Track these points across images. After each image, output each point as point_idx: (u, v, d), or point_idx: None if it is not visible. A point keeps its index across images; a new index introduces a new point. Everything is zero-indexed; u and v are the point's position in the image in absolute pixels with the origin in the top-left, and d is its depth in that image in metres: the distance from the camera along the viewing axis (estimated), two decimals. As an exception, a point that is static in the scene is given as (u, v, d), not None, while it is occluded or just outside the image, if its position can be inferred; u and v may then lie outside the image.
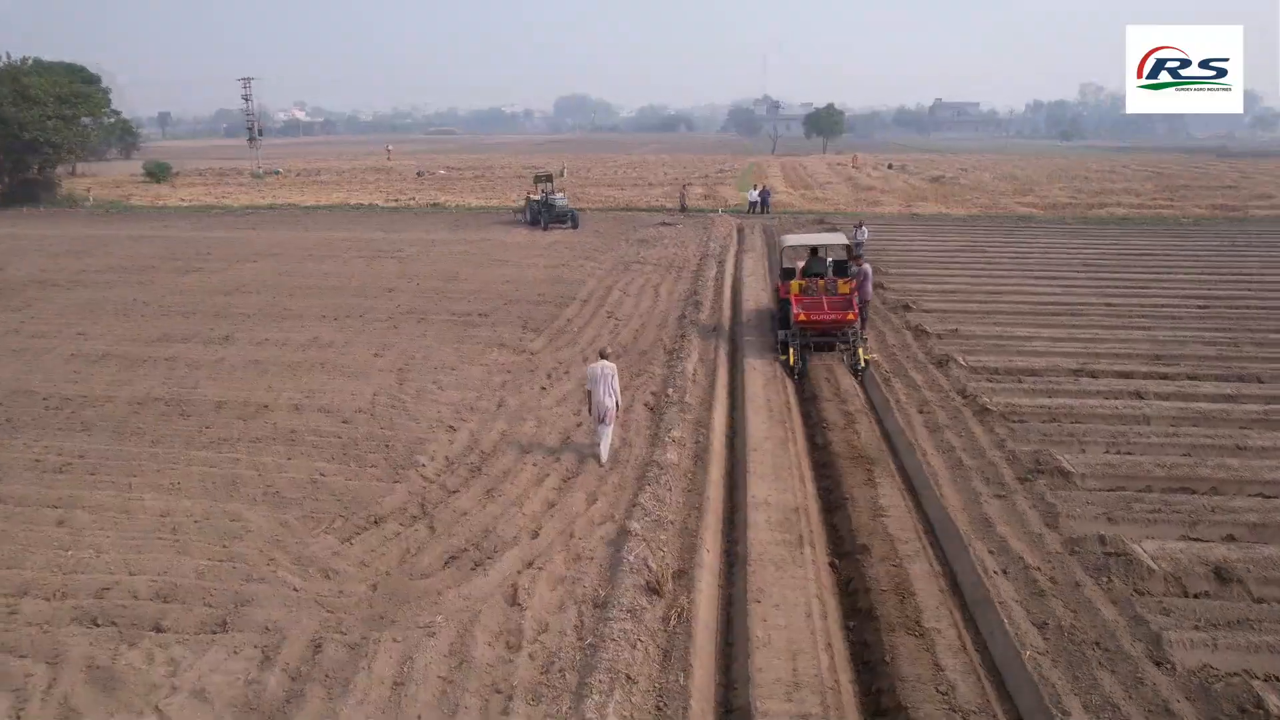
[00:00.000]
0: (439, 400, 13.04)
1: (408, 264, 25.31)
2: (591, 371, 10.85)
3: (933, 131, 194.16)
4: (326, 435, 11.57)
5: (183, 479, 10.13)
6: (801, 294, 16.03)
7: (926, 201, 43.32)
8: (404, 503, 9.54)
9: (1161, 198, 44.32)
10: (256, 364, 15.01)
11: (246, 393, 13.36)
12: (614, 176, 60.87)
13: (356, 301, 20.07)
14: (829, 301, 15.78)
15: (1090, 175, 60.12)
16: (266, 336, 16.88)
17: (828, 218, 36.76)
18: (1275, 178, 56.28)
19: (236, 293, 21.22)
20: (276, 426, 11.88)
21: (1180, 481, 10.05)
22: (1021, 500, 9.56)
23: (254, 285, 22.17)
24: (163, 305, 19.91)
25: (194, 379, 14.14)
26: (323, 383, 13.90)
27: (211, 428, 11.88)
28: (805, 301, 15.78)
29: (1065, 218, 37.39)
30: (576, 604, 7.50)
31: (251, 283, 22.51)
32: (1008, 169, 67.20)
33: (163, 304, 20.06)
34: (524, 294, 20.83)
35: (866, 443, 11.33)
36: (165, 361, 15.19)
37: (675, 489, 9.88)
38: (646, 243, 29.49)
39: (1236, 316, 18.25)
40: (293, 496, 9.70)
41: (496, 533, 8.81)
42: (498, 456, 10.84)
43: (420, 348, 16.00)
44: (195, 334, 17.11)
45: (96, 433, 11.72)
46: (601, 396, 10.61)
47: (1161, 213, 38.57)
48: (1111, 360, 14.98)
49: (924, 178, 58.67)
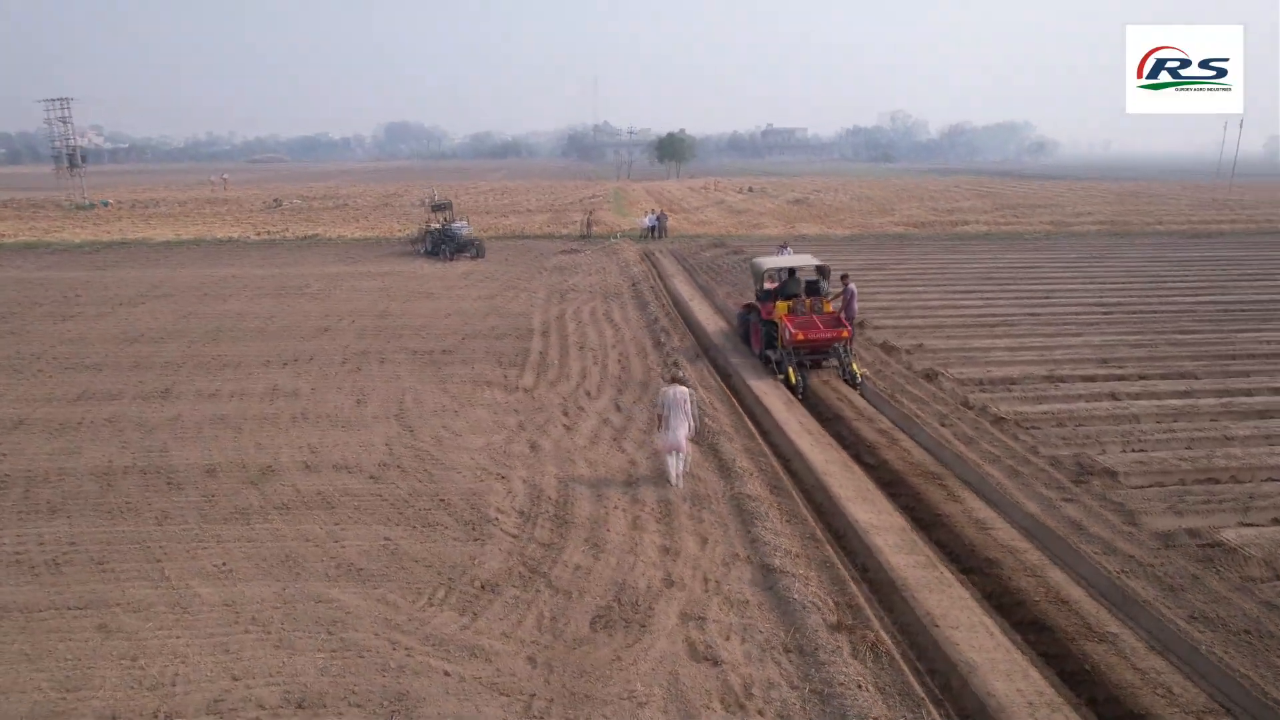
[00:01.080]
0: (464, 447, 12.08)
1: (324, 301, 23.40)
2: (665, 396, 10.52)
3: (765, 155, 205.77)
4: (364, 496, 10.38)
5: (227, 560, 8.72)
6: (790, 314, 16.39)
7: (805, 223, 45.65)
8: (506, 564, 8.72)
9: (1002, 216, 49.25)
10: (222, 420, 13.26)
11: (233, 454, 11.75)
12: (487, 204, 59.66)
13: (295, 344, 18.27)
14: (821, 320, 16.23)
15: (931, 195, 65.82)
16: (216, 388, 14.97)
17: (727, 240, 37.86)
18: (1081, 195, 64.12)
19: (143, 340, 18.70)
20: (299, 490, 10.52)
21: (1205, 473, 11.09)
22: (1090, 501, 10.16)
23: (158, 331, 19.63)
24: (58, 358, 17.17)
25: (156, 442, 12.26)
26: (318, 437, 12.48)
27: (219, 497, 10.33)
28: (798, 321, 16.13)
29: (937, 235, 40.66)
30: (767, 651, 7.14)
31: (153, 328, 19.93)
32: (856, 190, 72.26)
33: (56, 357, 17.31)
34: (474, 328, 19.84)
35: (921, 459, 11.65)
36: (106, 424, 13.07)
37: (778, 520, 9.69)
38: (564, 270, 29.04)
39: (1138, 320, 20.52)
40: (373, 569, 8.60)
41: (629, 585, 8.24)
42: (573, 504, 10.16)
43: (401, 390, 14.79)
44: (123, 390, 14.87)
45: (74, 515, 9.86)
46: (676, 424, 10.37)
47: (1014, 228, 42.87)
48: (1070, 365, 16.35)
49: (785, 200, 61.88)
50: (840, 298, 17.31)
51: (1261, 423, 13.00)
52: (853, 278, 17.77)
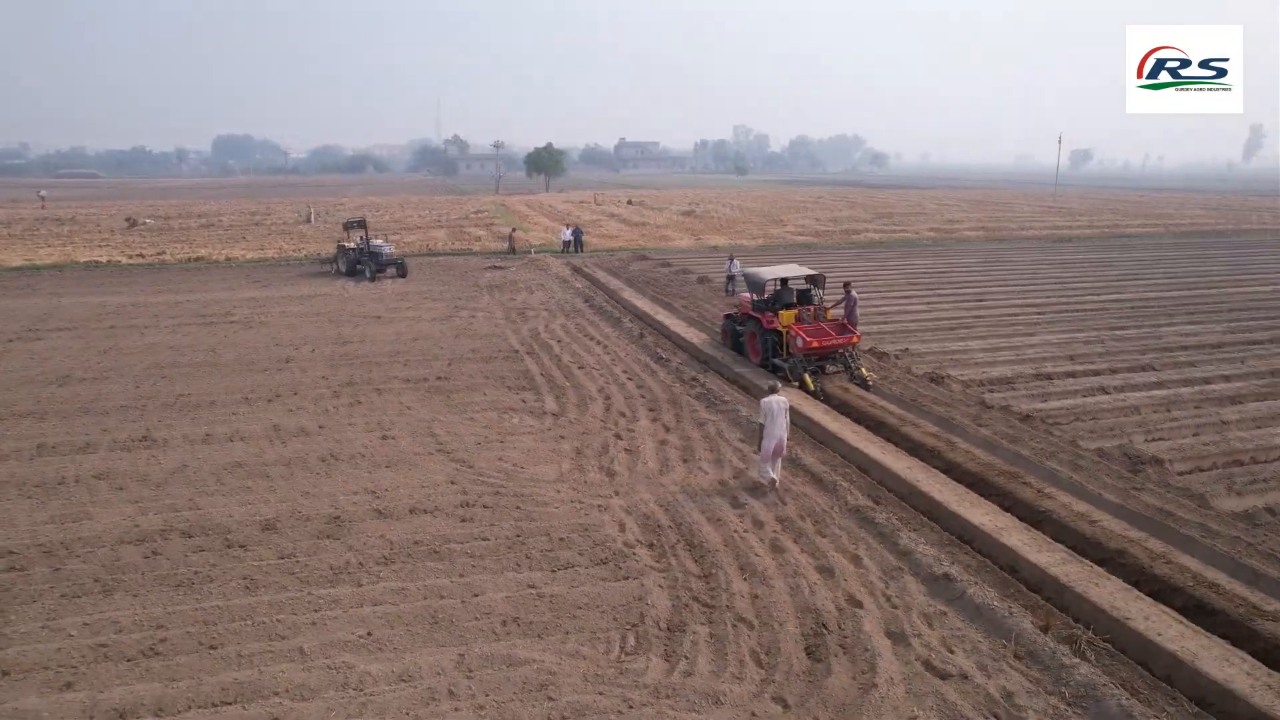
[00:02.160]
0: (536, 479, 11.38)
1: (263, 329, 21.34)
2: (768, 406, 10.86)
3: (622, 168, 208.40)
4: (467, 540, 9.53)
5: (367, 627, 7.72)
6: (798, 323, 16.74)
7: (710, 234, 46.63)
8: (675, 600, 8.27)
9: (885, 224, 52.47)
10: (240, 466, 11.76)
11: (281, 505, 10.45)
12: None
13: (262, 378, 16.53)
14: (830, 327, 16.66)
15: (806, 206, 69.09)
16: (205, 431, 13.26)
17: (647, 253, 38.01)
18: (940, 203, 69.46)
19: (74, 381, 16.25)
20: (389, 540, 9.50)
21: (1230, 455, 12.28)
22: (1157, 488, 10.92)
23: (85, 369, 17.15)
24: (-24, 408, 14.62)
25: (176, 497, 10.68)
26: (368, 479, 11.34)
27: (299, 555, 9.14)
28: (809, 329, 16.49)
29: (838, 244, 42.72)
30: (1000, 660, 7.19)
31: (76, 366, 17.39)
32: (732, 201, 74.63)
33: (-27, 407, 14.73)
34: (453, 351, 18.77)
35: (988, 459, 12.12)
36: (98, 480, 11.24)
37: (907, 529, 9.78)
38: (503, 288, 28.08)
39: (1072, 319, 22.46)
40: (539, 620, 7.90)
41: (818, 609, 8.04)
42: (694, 529, 9.80)
43: (424, 422, 13.74)
44: (92, 439, 12.85)
45: (139, 591, 8.39)
46: (779, 431, 10.76)
47: (904, 236, 45.78)
48: (1050, 363, 17.64)
49: (674, 212, 62.93)
50: (842, 305, 17.88)
51: (1240, 407, 14.55)
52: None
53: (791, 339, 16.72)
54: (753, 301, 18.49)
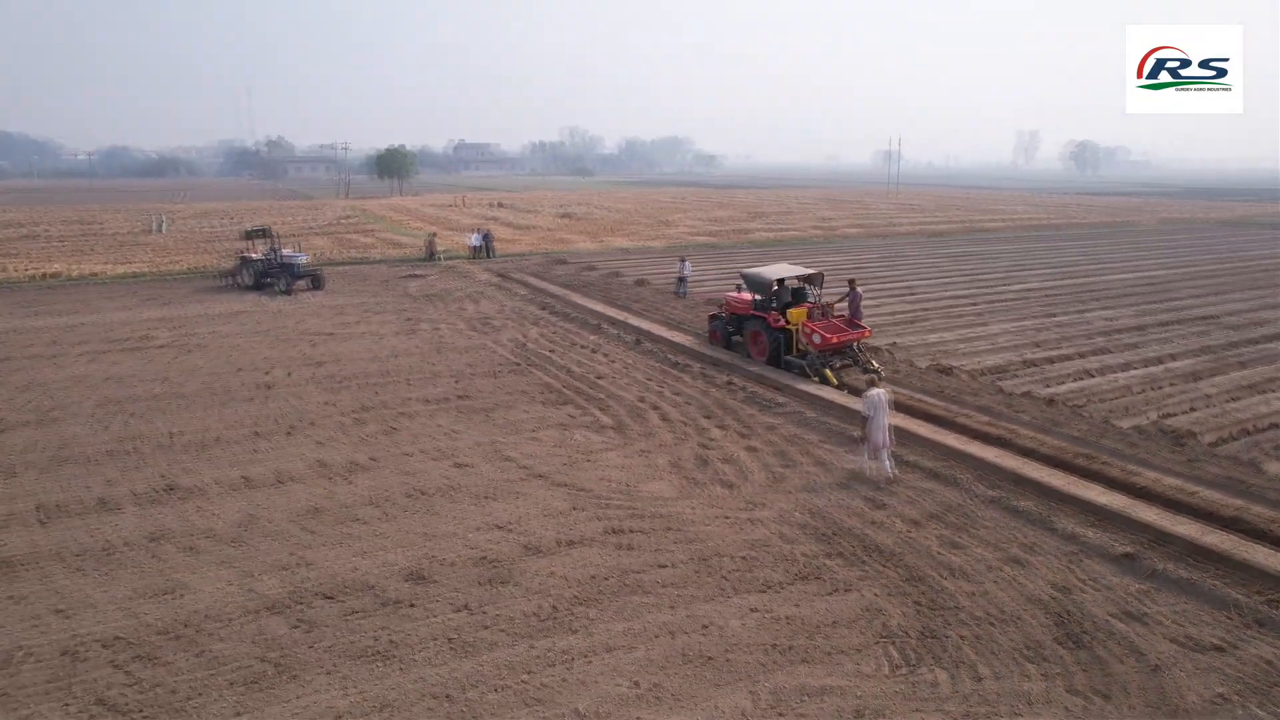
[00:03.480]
0: (659, 496, 10.91)
1: (206, 353, 18.89)
2: (871, 399, 11.25)
3: (460, 170, 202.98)
4: (650, 569, 8.97)
5: (629, 678, 7.07)
6: (810, 321, 17.19)
7: (611, 237, 46.49)
8: (909, 608, 8.21)
9: (766, 223, 54.57)
10: (320, 513, 10.35)
11: (408, 550, 9.33)
12: (226, 229, 51.70)
13: (253, 409, 14.64)
14: (841, 323, 17.29)
15: (676, 205, 70.51)
16: (238, 475, 11.52)
17: (567, 257, 37.31)
18: (799, 201, 73.23)
19: (11, 428, 13.58)
20: (568, 579, 8.74)
21: (1239, 425, 13.86)
22: (1209, 460, 12.14)
23: (16, 413, 14.38)
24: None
25: (270, 554, 9.23)
26: (479, 513, 10.37)
27: (482, 607, 8.18)
28: (825, 326, 16.99)
29: (739, 244, 43.95)
30: (1239, 633, 7.71)
31: (2, 409, 14.58)
32: (600, 203, 74.83)
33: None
34: (450, 368, 17.55)
35: (1054, 443, 12.91)
36: (158, 544, 9.48)
37: (1064, 517, 10.25)
38: (440, 297, 26.55)
39: (1019, 307, 24.46)
40: (795, 644, 7.58)
41: (1042, 600, 8.27)
42: (863, 534, 9.78)
43: (487, 447, 12.75)
44: (104, 496, 10.82)
45: (330, 669, 7.18)
46: (884, 422, 11.27)
47: (794, 235, 47.82)
48: (1026, 350, 19.11)
49: (551, 214, 62.23)
50: (846, 300, 18.54)
51: (1210, 381, 16.46)
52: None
53: (808, 336, 17.08)
54: (754, 301, 18.68)
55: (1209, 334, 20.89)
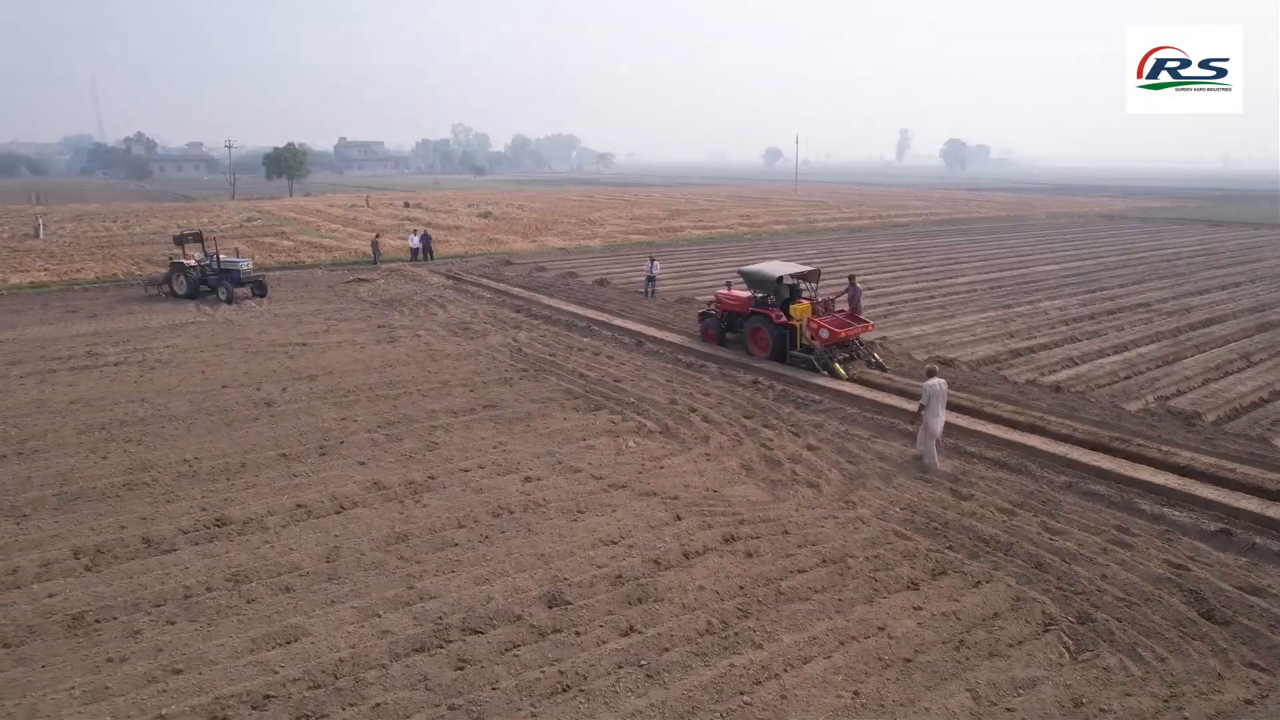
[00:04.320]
0: (752, 501, 10.79)
1: (172, 370, 17.22)
2: (931, 388, 11.68)
3: (347, 170, 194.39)
4: (789, 574, 8.85)
5: (842, 689, 6.94)
6: (815, 316, 17.52)
7: (545, 236, 45.71)
8: (1067, 601, 8.43)
9: (692, 220, 55.09)
10: (405, 539, 9.64)
11: (528, 573, 8.81)
12: (113, 234, 47.53)
13: (265, 429, 13.46)
14: (844, 318, 17.74)
15: (593, 205, 70.11)
16: (292, 502, 10.53)
17: (513, 258, 36.38)
18: (707, 199, 74.34)
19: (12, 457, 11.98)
20: (718, 593, 8.49)
21: (1231, 403, 15.08)
22: (1227, 439, 13.15)
23: None
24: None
25: (384, 587, 8.49)
26: (580, 530, 9.94)
27: (646, 627, 7.83)
28: (832, 321, 17.37)
29: (675, 241, 44.16)
30: None
31: (-31, 443, 12.81)
32: (516, 202, 73.43)
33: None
34: (454, 376, 16.74)
35: (1088, 428, 13.62)
36: (246, 584, 8.54)
37: (1139, 499, 10.80)
38: (403, 303, 25.27)
39: (963, 300, 25.65)
40: (982, 640, 7.65)
41: (1180, 584, 8.69)
42: (973, 529, 9.99)
43: (544, 456, 12.25)
44: (148, 534, 9.62)
45: (531, 711, 6.67)
46: (941, 411, 11.82)
47: (723, 232, 48.46)
48: (1009, 340, 20.11)
49: (466, 214, 60.61)
50: (846, 295, 19.00)
51: (1181, 365, 17.83)
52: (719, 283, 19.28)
53: (815, 331, 17.35)
54: (754, 298, 18.82)
55: (1153, 321, 22.62)
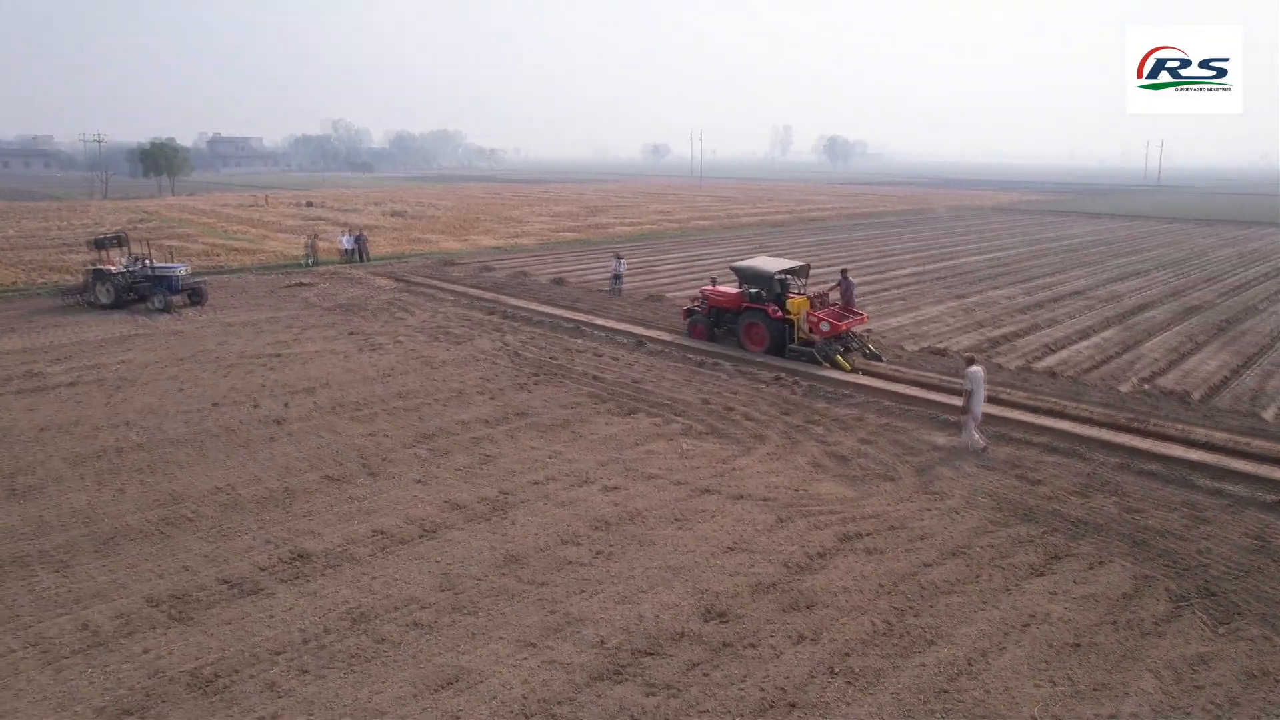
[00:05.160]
0: (846, 499, 10.84)
1: (143, 389, 15.54)
2: (973, 375, 12.44)
3: (220, 167, 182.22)
4: (922, 568, 8.93)
5: (1055, 673, 7.06)
6: (813, 310, 17.88)
7: (474, 236, 44.36)
8: (1169, 580, 8.90)
9: (616, 218, 54.86)
10: (519, 560, 9.10)
11: (670, 590, 8.51)
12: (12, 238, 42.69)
13: (289, 451, 12.38)
14: (843, 311, 18.22)
15: (507, 203, 68.68)
16: (366, 529, 9.77)
17: (455, 258, 35.08)
18: (628, 198, 74.30)
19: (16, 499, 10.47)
20: (868, 594, 8.47)
21: (1207, 382, 16.37)
22: (1226, 414, 14.30)
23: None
24: None
25: (531, 619, 7.97)
26: (692, 540, 9.69)
27: (821, 636, 7.70)
28: (829, 314, 17.84)
29: (607, 239, 43.77)
30: None
31: None
32: (420, 200, 70.95)
33: None
34: (462, 384, 15.99)
35: (1104, 411, 14.45)
36: (383, 625, 7.83)
37: (1191, 475, 11.55)
38: (357, 308, 23.91)
39: (919, 291, 26.74)
40: (1124, 620, 7.96)
41: (1250, 564, 9.34)
42: (1061, 513, 10.41)
43: (607, 464, 11.88)
44: (226, 575, 8.65)
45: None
46: (983, 396, 12.55)
47: (661, 228, 48.49)
48: (977, 329, 21.10)
49: (378, 213, 58.18)
50: (839, 288, 19.50)
51: (1143, 348, 19.25)
52: (679, 279, 19.66)
53: (815, 325, 17.68)
54: (748, 294, 18.97)
55: (1095, 308, 24.33)
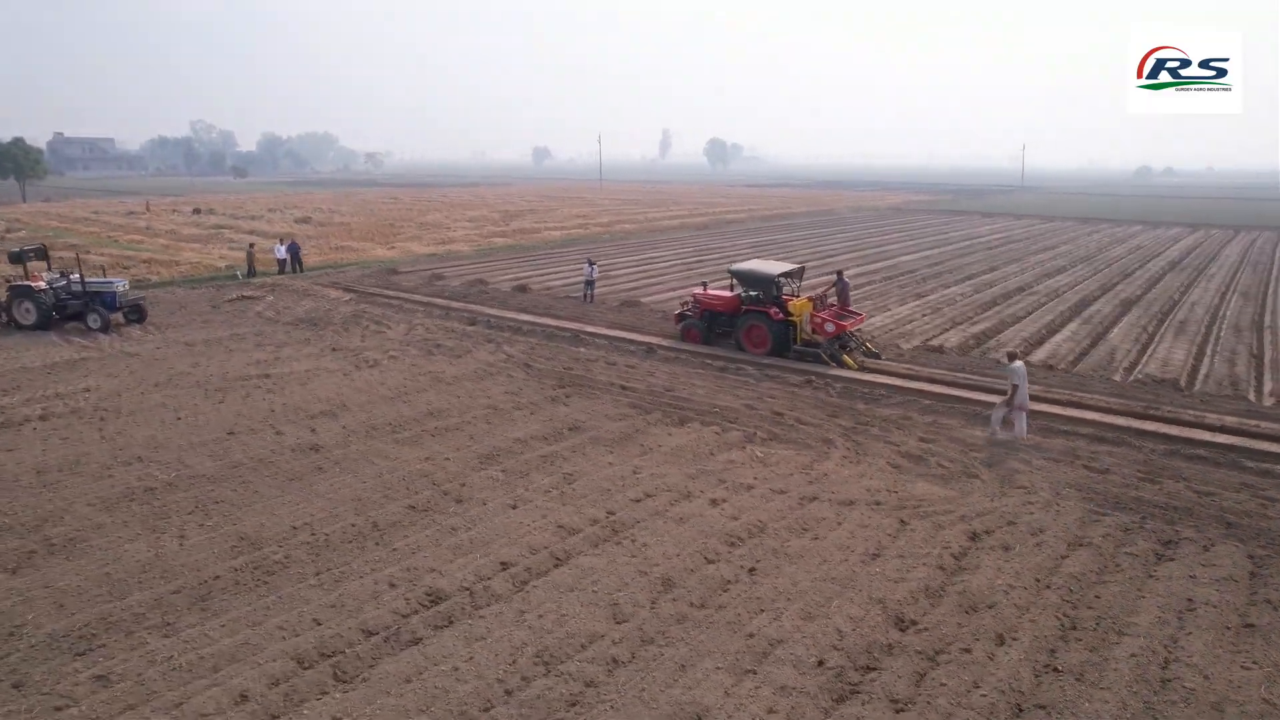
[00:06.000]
0: (947, 497, 11.06)
1: (133, 421, 13.87)
2: (1018, 370, 13.16)
3: (70, 170, 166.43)
4: (1057, 559, 9.21)
5: (1251, 656, 7.41)
6: (816, 311, 18.30)
7: (403, 243, 42.50)
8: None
9: (542, 222, 53.94)
10: (675, 585, 8.74)
11: (852, 604, 8.40)
12: None
13: (345, 481, 11.39)
14: (842, 312, 18.80)
15: (411, 206, 66.18)
16: (495, 560, 9.10)
17: (395, 265, 33.41)
18: (536, 200, 73.16)
19: (46, 555, 9.06)
20: (1044, 585, 8.64)
21: (1182, 368, 17.78)
22: (1219, 398, 15.58)
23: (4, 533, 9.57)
24: None
25: (735, 648, 7.66)
26: (833, 546, 9.60)
27: (1039, 652, 7.82)
28: (831, 314, 18.41)
29: (538, 244, 43.03)
30: None
31: None
32: (319, 206, 67.32)
33: None
34: (490, 401, 15.22)
35: (1119, 400, 15.37)
36: (578, 668, 7.28)
37: (1229, 454, 12.45)
38: (322, 323, 22.38)
39: (878, 291, 27.70)
40: (1269, 599, 8.50)
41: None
42: (1150, 500, 10.99)
43: (697, 477, 11.63)
44: (374, 624, 7.80)
45: None
46: (1026, 389, 13.25)
47: (590, 232, 47.98)
48: (959, 328, 22.08)
49: (284, 219, 54.93)
50: (834, 289, 20.01)
51: (1110, 339, 20.69)
52: (651, 282, 20.03)
53: (820, 325, 18.05)
54: (747, 297, 19.16)
55: (1045, 304, 25.95)
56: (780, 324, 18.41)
